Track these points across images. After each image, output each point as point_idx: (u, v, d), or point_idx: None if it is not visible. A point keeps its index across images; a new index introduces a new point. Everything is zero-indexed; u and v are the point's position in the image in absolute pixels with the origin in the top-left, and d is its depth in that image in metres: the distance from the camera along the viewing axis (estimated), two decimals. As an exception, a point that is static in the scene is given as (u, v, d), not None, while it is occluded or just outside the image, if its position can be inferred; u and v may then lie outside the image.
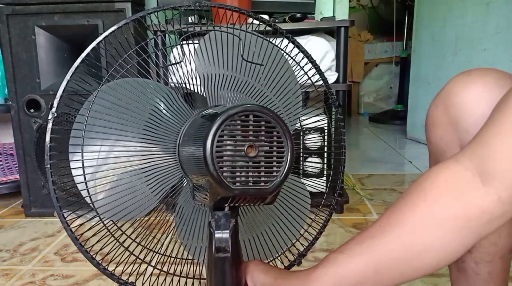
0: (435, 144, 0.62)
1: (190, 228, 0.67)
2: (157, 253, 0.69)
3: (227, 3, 1.28)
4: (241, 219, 0.68)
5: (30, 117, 1.39)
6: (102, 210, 0.61)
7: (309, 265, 0.53)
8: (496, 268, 0.61)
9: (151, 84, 0.63)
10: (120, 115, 0.60)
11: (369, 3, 4.26)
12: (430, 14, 2.49)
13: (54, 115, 0.59)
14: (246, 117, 0.46)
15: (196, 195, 0.58)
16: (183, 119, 0.62)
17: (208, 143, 0.45)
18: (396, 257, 0.47)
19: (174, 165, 0.60)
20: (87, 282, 1.01)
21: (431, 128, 0.61)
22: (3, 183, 1.60)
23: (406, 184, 1.76)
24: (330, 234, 1.24)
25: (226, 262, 0.52)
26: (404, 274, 0.47)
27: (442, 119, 0.58)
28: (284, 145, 0.47)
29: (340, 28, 1.32)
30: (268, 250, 0.73)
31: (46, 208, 1.46)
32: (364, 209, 1.45)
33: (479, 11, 2.11)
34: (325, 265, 0.51)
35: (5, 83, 1.41)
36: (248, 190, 0.46)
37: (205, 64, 0.66)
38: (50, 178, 0.59)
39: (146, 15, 0.63)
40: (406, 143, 2.67)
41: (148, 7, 1.65)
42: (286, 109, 0.70)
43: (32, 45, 1.34)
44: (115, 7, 1.31)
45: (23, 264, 1.12)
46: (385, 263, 0.47)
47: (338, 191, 0.77)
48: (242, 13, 0.68)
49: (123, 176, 0.61)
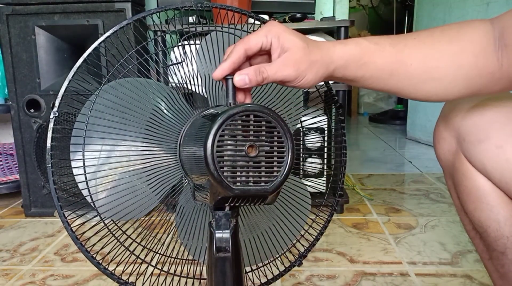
0: (444, 159, 0.67)
1: (191, 228, 0.67)
2: (157, 253, 0.69)
3: (227, 3, 1.28)
4: (241, 219, 0.68)
5: (30, 117, 1.39)
6: (102, 209, 0.61)
7: (310, 265, 0.53)
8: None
9: (153, 84, 0.63)
10: (121, 115, 0.60)
11: (369, 3, 4.26)
12: (430, 14, 2.49)
13: (55, 115, 0.59)
14: (247, 117, 0.46)
15: (197, 195, 0.58)
16: (184, 119, 0.62)
17: (209, 143, 0.45)
18: (414, 71, 0.52)
19: (174, 165, 0.61)
20: (87, 282, 1.01)
21: (438, 145, 0.67)
22: (3, 183, 1.60)
23: (406, 184, 1.76)
24: (330, 234, 1.24)
25: (226, 262, 0.52)
26: (412, 91, 0.54)
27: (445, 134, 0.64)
28: (284, 145, 0.47)
29: (340, 28, 1.32)
30: (268, 250, 0.73)
31: (46, 208, 1.46)
32: (364, 209, 1.46)
33: (479, 11, 2.11)
34: (351, 45, 0.52)
35: (5, 83, 1.41)
36: (248, 190, 0.46)
37: (206, 64, 0.66)
38: (51, 177, 0.59)
39: (147, 15, 0.63)
40: (406, 143, 2.67)
41: (148, 7, 1.65)
42: (287, 109, 0.70)
43: (32, 45, 1.34)
44: (115, 7, 1.31)
45: (23, 264, 1.12)
46: (403, 72, 0.52)
47: (339, 192, 0.77)
48: (243, 13, 0.68)
49: (124, 175, 0.61)
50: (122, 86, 0.62)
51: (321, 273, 1.02)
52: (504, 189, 0.58)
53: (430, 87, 0.53)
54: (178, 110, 0.62)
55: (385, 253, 1.11)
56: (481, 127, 0.58)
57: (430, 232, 1.24)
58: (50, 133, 0.59)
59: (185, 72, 0.65)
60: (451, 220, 1.33)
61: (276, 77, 0.49)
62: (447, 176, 0.69)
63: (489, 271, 0.68)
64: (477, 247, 0.69)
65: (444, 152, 0.66)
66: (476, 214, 0.62)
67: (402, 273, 1.01)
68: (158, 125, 0.61)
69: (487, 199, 0.60)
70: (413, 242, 1.18)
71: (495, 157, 0.57)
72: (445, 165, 0.68)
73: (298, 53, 0.49)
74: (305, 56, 0.49)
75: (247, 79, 0.48)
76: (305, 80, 0.50)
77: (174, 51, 0.81)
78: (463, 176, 0.62)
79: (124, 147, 0.61)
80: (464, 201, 0.64)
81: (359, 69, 0.52)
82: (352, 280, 0.98)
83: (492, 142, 0.57)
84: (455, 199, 0.69)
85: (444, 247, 1.14)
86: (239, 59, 0.50)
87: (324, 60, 0.50)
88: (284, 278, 0.98)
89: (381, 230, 1.26)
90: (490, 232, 0.61)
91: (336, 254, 1.12)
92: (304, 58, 0.49)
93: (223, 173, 0.45)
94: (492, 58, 0.50)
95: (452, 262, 1.06)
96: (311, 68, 0.50)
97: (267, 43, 0.50)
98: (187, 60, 0.65)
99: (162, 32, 1.00)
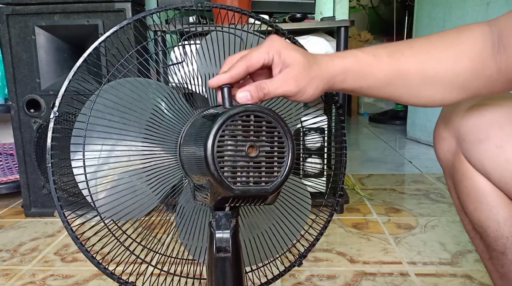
0: (444, 159, 0.67)
1: (191, 228, 0.67)
2: (157, 253, 0.69)
3: (227, 3, 1.28)
4: (241, 219, 0.68)
5: (30, 117, 1.39)
6: (102, 209, 0.61)
7: (310, 265, 0.53)
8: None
9: (153, 83, 0.63)
10: (121, 115, 0.60)
11: (369, 3, 4.26)
12: (430, 14, 2.49)
13: (56, 115, 0.59)
14: (247, 117, 0.46)
15: (197, 195, 0.58)
16: (184, 119, 0.62)
17: (209, 143, 0.45)
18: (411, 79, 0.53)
19: (175, 165, 0.61)
20: (87, 282, 1.01)
21: (437, 145, 0.67)
22: (3, 183, 1.60)
23: (406, 184, 1.76)
24: (330, 234, 1.24)
25: (226, 262, 0.52)
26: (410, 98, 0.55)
27: (445, 134, 0.64)
28: (285, 146, 0.47)
29: (340, 28, 1.32)
30: (268, 250, 0.73)
31: (46, 208, 1.46)
32: (364, 209, 1.46)
33: (479, 11, 2.11)
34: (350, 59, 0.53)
35: (5, 83, 1.41)
36: (249, 190, 0.46)
37: (206, 64, 0.66)
38: (51, 177, 0.59)
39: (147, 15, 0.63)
40: (406, 143, 2.67)
41: (148, 7, 1.65)
42: (287, 110, 0.70)
43: (32, 45, 1.34)
44: (115, 7, 1.31)
45: (23, 264, 1.12)
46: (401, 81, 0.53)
47: (339, 192, 0.77)
48: (243, 13, 0.68)
49: (124, 175, 0.61)
50: (122, 86, 0.62)
51: (321, 273, 1.02)
52: (503, 189, 0.58)
53: (428, 94, 0.54)
54: (178, 110, 0.62)
55: (385, 253, 1.11)
56: (481, 127, 0.58)
57: (430, 232, 1.24)
58: (50, 133, 0.59)
59: (185, 72, 0.65)
60: (451, 220, 1.33)
61: (277, 92, 0.50)
62: (447, 176, 0.69)
63: (489, 271, 0.68)
64: (477, 247, 0.69)
65: (444, 152, 0.66)
66: (475, 214, 0.62)
67: (402, 273, 1.01)
68: (158, 125, 0.61)
69: (487, 199, 0.60)
70: (413, 242, 1.18)
71: (495, 157, 0.57)
72: (445, 165, 0.68)
73: (298, 69, 0.50)
74: (305, 72, 0.50)
75: (249, 96, 0.49)
76: (306, 95, 0.51)
77: (174, 51, 0.81)
78: (463, 176, 0.62)
79: (124, 147, 0.61)
80: (464, 201, 0.64)
81: (357, 81, 0.53)
82: (352, 280, 0.98)
83: (491, 142, 0.57)
84: (455, 199, 0.69)
85: (444, 247, 1.14)
86: (238, 75, 0.51)
87: (324, 75, 0.51)
88: (284, 278, 0.98)
89: (381, 230, 1.26)
90: (490, 232, 0.61)
91: (336, 254, 1.12)
92: (304, 74, 0.50)
93: (223, 174, 0.45)
94: (490, 62, 0.51)
95: (452, 262, 1.06)
96: (311, 83, 0.51)
97: (269, 59, 0.51)
98: (187, 60, 0.65)
99: (162, 32, 1.00)
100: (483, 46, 0.51)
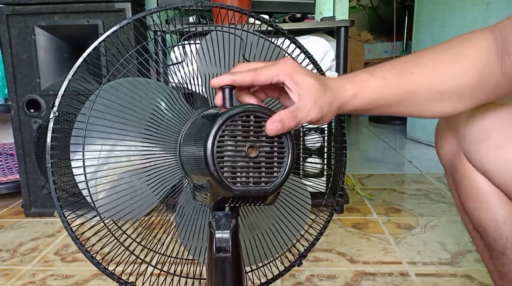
0: (445, 159, 0.67)
1: (191, 228, 0.67)
2: (157, 253, 0.69)
3: (227, 3, 1.28)
4: (241, 219, 0.68)
5: (30, 117, 1.39)
6: (102, 209, 0.61)
7: (310, 265, 0.53)
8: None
9: (153, 83, 0.63)
10: (121, 115, 0.60)
11: (369, 3, 4.26)
12: (430, 14, 2.49)
13: (55, 115, 0.59)
14: (247, 118, 0.46)
15: (197, 195, 0.58)
16: (184, 119, 0.62)
17: (209, 143, 0.45)
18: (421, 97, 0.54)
19: (174, 165, 0.60)
20: (87, 282, 1.01)
21: (439, 144, 0.68)
22: (3, 183, 1.60)
23: (406, 184, 1.76)
24: (330, 234, 1.24)
25: (226, 262, 0.52)
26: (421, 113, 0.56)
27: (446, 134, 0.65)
28: (284, 146, 0.47)
29: (340, 28, 1.32)
30: (268, 250, 0.73)
31: (46, 208, 1.46)
32: (364, 209, 1.46)
33: (479, 11, 2.11)
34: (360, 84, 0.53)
35: (5, 83, 1.41)
36: (248, 191, 0.46)
37: (206, 64, 0.66)
38: (51, 177, 0.59)
39: (147, 15, 0.63)
40: (406, 143, 2.67)
41: (148, 7, 1.65)
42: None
43: (32, 45, 1.34)
44: (115, 7, 1.31)
45: (23, 264, 1.12)
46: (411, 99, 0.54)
47: (339, 192, 0.77)
48: (243, 13, 0.68)
49: (124, 175, 0.61)
50: (122, 86, 0.62)
51: (321, 273, 1.02)
52: (503, 189, 0.59)
53: (438, 108, 0.55)
54: (178, 110, 0.62)
55: (385, 253, 1.11)
56: (482, 127, 0.58)
57: (430, 232, 1.24)
58: (50, 133, 0.59)
59: (185, 72, 0.65)
60: (451, 220, 1.33)
61: (306, 121, 0.50)
62: (448, 175, 0.69)
63: (489, 270, 0.68)
64: (477, 247, 0.69)
65: (445, 151, 0.66)
66: (475, 214, 0.62)
67: (402, 273, 1.01)
68: (158, 125, 0.61)
69: (487, 198, 0.60)
70: (413, 242, 1.18)
71: (495, 157, 0.57)
72: (446, 164, 0.68)
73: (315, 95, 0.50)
74: (322, 98, 0.50)
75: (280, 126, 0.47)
76: (324, 120, 0.52)
77: (174, 51, 0.81)
78: (463, 176, 0.63)
79: (124, 147, 0.61)
80: (464, 200, 0.64)
81: (368, 105, 0.54)
82: (352, 280, 0.98)
83: (492, 142, 0.57)
84: (456, 198, 0.69)
85: (444, 247, 1.14)
86: (241, 83, 0.50)
87: (337, 101, 0.52)
88: (284, 278, 0.98)
89: (381, 230, 1.26)
90: (490, 231, 0.61)
91: (336, 254, 1.12)
92: (322, 100, 0.50)
93: (223, 174, 0.45)
94: (496, 69, 0.52)
95: (452, 262, 1.06)
96: (330, 109, 0.51)
97: (278, 81, 0.50)
98: (187, 60, 0.65)
99: (162, 32, 1.00)
100: (488, 55, 0.52)
